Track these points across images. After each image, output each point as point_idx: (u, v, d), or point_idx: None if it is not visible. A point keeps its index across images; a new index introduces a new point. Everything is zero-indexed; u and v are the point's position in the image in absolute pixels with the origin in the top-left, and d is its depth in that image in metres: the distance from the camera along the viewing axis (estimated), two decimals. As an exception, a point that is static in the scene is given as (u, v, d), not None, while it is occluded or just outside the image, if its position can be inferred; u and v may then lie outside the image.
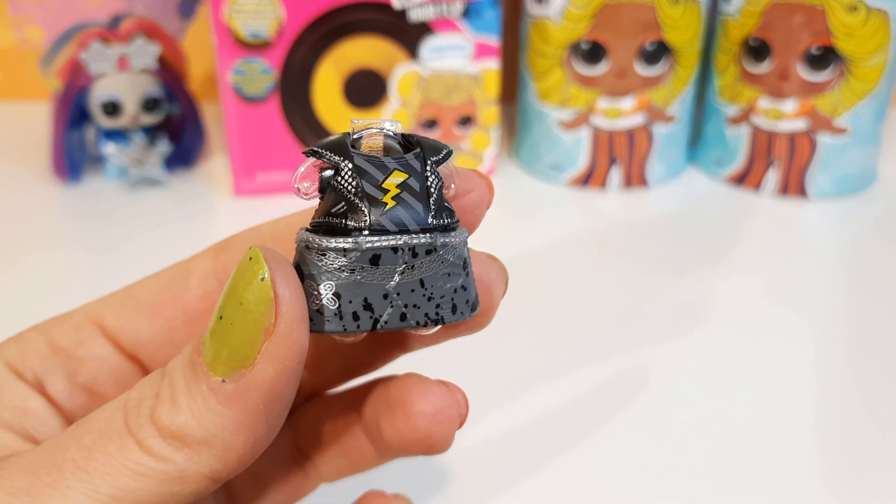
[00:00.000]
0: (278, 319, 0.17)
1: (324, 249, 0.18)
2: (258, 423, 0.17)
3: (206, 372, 0.17)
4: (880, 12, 0.48)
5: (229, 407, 0.17)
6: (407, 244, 0.18)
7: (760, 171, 0.53)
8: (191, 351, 0.18)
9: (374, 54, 0.51)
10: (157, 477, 0.17)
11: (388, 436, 0.21)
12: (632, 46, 0.50)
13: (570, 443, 0.32)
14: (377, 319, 0.18)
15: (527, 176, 0.56)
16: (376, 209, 0.18)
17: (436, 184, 0.19)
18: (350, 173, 0.18)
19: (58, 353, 0.21)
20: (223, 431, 0.17)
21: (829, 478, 0.31)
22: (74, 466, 0.17)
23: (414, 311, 0.18)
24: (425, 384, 0.21)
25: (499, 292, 0.21)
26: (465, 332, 0.21)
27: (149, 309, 0.22)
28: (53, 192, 0.53)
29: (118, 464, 0.17)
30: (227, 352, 0.17)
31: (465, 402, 0.21)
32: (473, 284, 0.19)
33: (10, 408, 0.20)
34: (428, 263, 0.18)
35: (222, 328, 0.17)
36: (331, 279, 0.18)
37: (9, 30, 0.63)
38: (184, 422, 0.17)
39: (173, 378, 0.18)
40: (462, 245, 0.19)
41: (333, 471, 0.23)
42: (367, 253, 0.18)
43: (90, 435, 0.17)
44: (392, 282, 0.18)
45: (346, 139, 0.19)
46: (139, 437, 0.17)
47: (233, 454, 0.17)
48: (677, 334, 0.39)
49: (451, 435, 0.21)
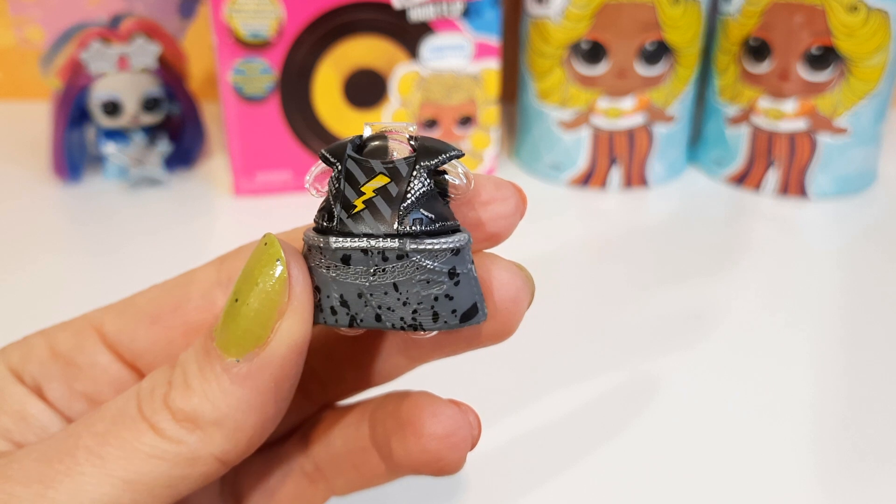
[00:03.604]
0: (291, 298, 0.18)
1: (309, 245, 0.19)
2: (268, 403, 0.18)
3: (219, 354, 0.18)
4: (880, 12, 0.48)
5: (242, 386, 0.18)
6: (374, 247, 0.18)
7: (760, 171, 0.53)
8: (203, 338, 0.18)
9: (375, 54, 0.51)
10: (170, 459, 0.18)
11: (398, 456, 0.21)
12: (632, 46, 0.50)
13: (570, 445, 0.32)
14: (353, 317, 0.19)
15: (527, 176, 0.56)
16: (344, 212, 0.18)
17: (416, 189, 0.18)
18: (338, 176, 0.19)
19: (57, 359, 0.21)
20: (235, 411, 0.18)
21: (829, 478, 0.31)
22: (88, 453, 0.17)
23: (388, 314, 0.19)
24: (437, 404, 0.20)
25: (523, 303, 0.20)
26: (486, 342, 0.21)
27: (147, 317, 0.21)
28: (53, 191, 0.53)
29: (132, 448, 0.17)
30: (242, 332, 0.18)
31: (477, 424, 0.21)
32: (468, 294, 0.19)
33: (10, 412, 0.20)
34: (400, 269, 0.18)
35: (237, 310, 0.18)
36: (314, 273, 0.19)
37: (9, 30, 0.63)
38: (197, 403, 0.18)
39: (186, 365, 0.18)
40: (448, 252, 0.18)
41: (344, 485, 0.23)
42: (336, 252, 0.18)
43: (103, 423, 0.18)
44: (366, 282, 0.18)
45: (350, 143, 0.19)
46: (153, 422, 0.18)
47: (243, 434, 0.18)
48: (677, 334, 0.39)
49: (462, 457, 0.20)
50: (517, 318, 0.20)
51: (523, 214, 0.21)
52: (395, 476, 0.22)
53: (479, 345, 0.21)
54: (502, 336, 0.20)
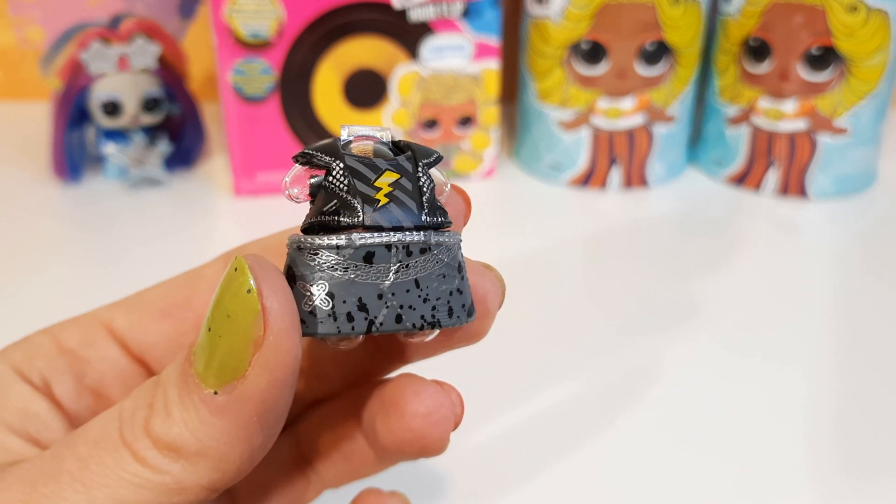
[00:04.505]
0: (267, 331, 0.16)
1: (316, 248, 0.17)
2: (253, 434, 0.17)
3: (197, 384, 0.17)
4: (880, 12, 0.48)
5: (222, 418, 0.17)
6: (401, 241, 0.18)
7: (760, 171, 0.53)
8: (182, 361, 0.17)
9: (374, 54, 0.51)
10: (155, 488, 0.17)
11: (382, 437, 0.21)
12: (632, 46, 0.50)
13: (570, 444, 0.32)
14: (372, 321, 0.17)
15: (527, 176, 0.56)
16: (370, 206, 0.18)
17: (428, 184, 0.18)
18: (342, 172, 0.18)
19: (65, 355, 0.21)
20: (217, 443, 0.17)
21: (822, 477, 0.31)
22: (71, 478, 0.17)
23: (410, 313, 0.18)
24: (419, 384, 0.20)
25: (495, 303, 0.20)
26: (462, 343, 0.21)
27: (158, 311, 0.22)
28: (53, 192, 0.53)
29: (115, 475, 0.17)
30: (217, 364, 0.17)
31: (460, 402, 0.21)
32: (469, 290, 0.19)
33: (14, 410, 0.20)
34: (423, 263, 0.18)
35: (211, 341, 0.17)
36: (324, 279, 0.17)
37: (9, 30, 0.63)
38: (178, 433, 0.17)
39: (167, 388, 0.17)
40: (456, 247, 0.19)
41: (336, 477, 0.23)
42: (360, 250, 0.17)
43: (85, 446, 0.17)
44: (387, 281, 0.17)
45: (337, 142, 0.19)
46: (134, 449, 0.17)
47: (229, 465, 0.17)
48: (677, 334, 0.39)
49: (445, 436, 0.20)
50: (492, 318, 0.20)
51: (467, 219, 0.21)
52: (384, 464, 0.22)
53: (456, 345, 0.21)
54: (478, 336, 0.20)
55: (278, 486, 0.23)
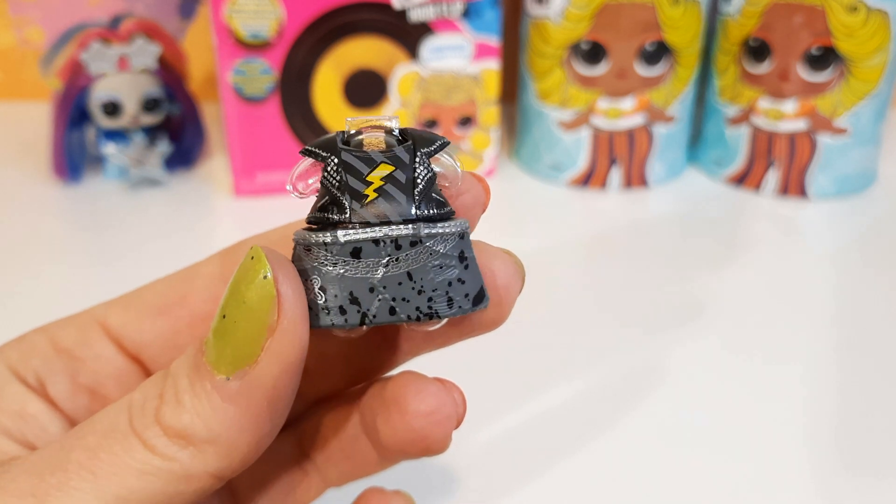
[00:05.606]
0: (281, 317, 0.17)
1: (309, 245, 0.18)
2: (262, 421, 0.18)
3: (209, 371, 0.17)
4: (880, 12, 0.48)
5: (233, 405, 0.17)
6: (388, 235, 0.18)
7: (760, 171, 0.53)
8: (194, 351, 0.18)
9: (374, 54, 0.51)
10: (163, 476, 0.17)
11: (384, 436, 0.21)
12: (632, 47, 0.50)
13: (570, 444, 0.32)
14: (365, 313, 0.18)
15: (527, 176, 0.56)
16: (357, 202, 0.18)
17: (424, 175, 0.18)
18: (335, 168, 0.18)
19: (60, 354, 0.21)
20: (227, 430, 0.17)
21: (822, 475, 0.31)
22: (79, 467, 0.17)
23: (404, 305, 0.18)
24: (421, 382, 0.20)
25: (514, 288, 0.20)
26: (480, 331, 0.21)
27: (154, 310, 0.22)
28: (53, 192, 0.53)
29: (123, 464, 0.17)
30: (231, 350, 0.17)
31: (462, 401, 0.21)
32: (476, 277, 0.19)
33: (9, 412, 0.20)
34: (414, 255, 0.18)
35: (225, 327, 0.17)
36: (317, 274, 0.18)
37: (9, 30, 0.63)
38: (188, 421, 0.17)
39: (177, 378, 0.18)
40: (456, 236, 0.18)
41: (338, 476, 0.23)
42: (346, 246, 0.18)
43: (94, 436, 0.18)
44: (377, 275, 0.18)
45: (338, 137, 0.19)
46: (144, 437, 0.17)
47: (237, 452, 0.18)
48: (677, 334, 0.39)
49: (447, 435, 0.20)
50: (510, 304, 0.20)
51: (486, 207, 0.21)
52: (386, 463, 0.22)
53: (472, 333, 0.21)
54: (496, 323, 0.20)
55: (280, 485, 0.23)
